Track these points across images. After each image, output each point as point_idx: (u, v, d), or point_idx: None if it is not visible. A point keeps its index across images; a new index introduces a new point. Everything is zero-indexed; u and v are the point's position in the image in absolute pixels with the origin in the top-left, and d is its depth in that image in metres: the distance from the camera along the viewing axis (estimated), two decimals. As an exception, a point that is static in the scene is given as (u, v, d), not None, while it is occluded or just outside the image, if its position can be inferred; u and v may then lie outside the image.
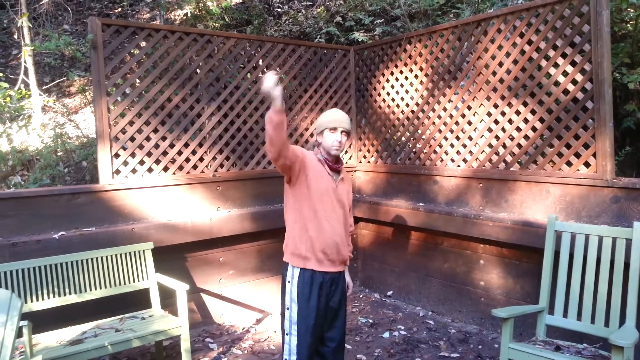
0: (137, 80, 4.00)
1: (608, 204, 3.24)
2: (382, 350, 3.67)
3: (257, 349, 3.75)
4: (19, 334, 2.34)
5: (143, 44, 4.03)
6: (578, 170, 3.42)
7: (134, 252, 3.59)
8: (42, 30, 7.23)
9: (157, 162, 4.04)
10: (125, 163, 3.89)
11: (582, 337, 3.02)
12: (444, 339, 3.85)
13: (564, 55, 3.48)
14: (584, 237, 2.95)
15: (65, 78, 7.04)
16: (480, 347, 3.69)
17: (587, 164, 3.39)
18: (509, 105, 3.81)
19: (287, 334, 2.48)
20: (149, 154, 4.00)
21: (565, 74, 3.48)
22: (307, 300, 2.45)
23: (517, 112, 3.76)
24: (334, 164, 2.58)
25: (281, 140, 2.26)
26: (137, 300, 3.68)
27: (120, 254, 3.53)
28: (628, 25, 4.42)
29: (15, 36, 7.61)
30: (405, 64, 4.66)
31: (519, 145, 3.78)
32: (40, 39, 7.17)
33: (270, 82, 2.16)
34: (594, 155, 3.31)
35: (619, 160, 3.96)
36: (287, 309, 2.48)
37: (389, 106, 4.86)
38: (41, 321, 3.23)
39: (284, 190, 2.56)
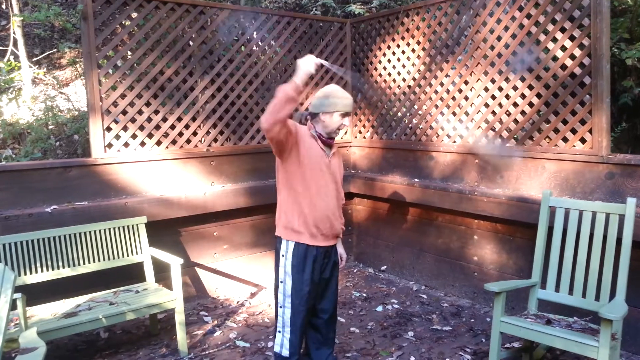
0: (129, 52, 3.92)
1: (603, 180, 3.24)
2: (375, 323, 3.71)
3: (251, 322, 3.79)
4: (12, 306, 2.33)
5: (134, 15, 3.94)
6: (574, 146, 3.41)
7: (128, 226, 3.58)
8: (31, 0, 7.05)
9: (150, 136, 4.00)
10: (118, 137, 3.85)
11: (573, 311, 3.06)
12: (436, 312, 3.90)
13: (562, 30, 3.43)
14: (577, 212, 2.96)
15: (55, 50, 6.91)
16: (472, 320, 3.74)
17: (583, 140, 3.38)
18: (507, 80, 3.78)
19: (280, 307, 2.49)
20: (142, 128, 3.95)
21: (563, 48, 3.43)
22: (301, 274, 2.46)
23: (515, 88, 3.73)
24: (327, 139, 2.55)
25: (286, 115, 2.24)
26: (131, 274, 3.69)
27: (114, 228, 3.51)
28: (628, 0, 4.36)
29: (3, 6, 7.43)
30: (403, 38, 4.59)
31: (516, 121, 3.75)
32: (29, 10, 7.01)
33: (311, 64, 2.36)
34: (590, 131, 3.30)
35: (614, 136, 3.96)
36: (281, 282, 2.49)
37: (385, 81, 4.81)
38: (35, 294, 3.24)
39: (276, 165, 2.54)
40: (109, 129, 3.79)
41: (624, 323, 2.75)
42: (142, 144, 3.97)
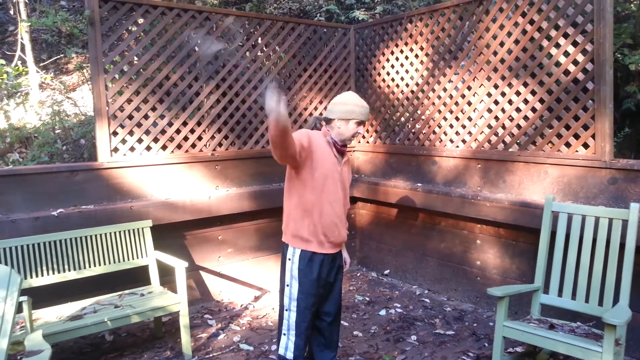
0: (135, 58, 3.96)
1: (606, 185, 3.25)
2: (378, 327, 3.72)
3: (255, 325, 3.80)
4: (19, 309, 2.36)
5: (141, 20, 3.99)
6: (577, 151, 3.42)
7: (133, 230, 3.61)
8: (38, 6, 7.12)
9: (156, 140, 4.03)
10: (124, 141, 3.89)
11: (576, 315, 3.06)
12: (439, 316, 3.90)
13: (565, 36, 3.45)
14: (580, 217, 2.97)
15: (62, 55, 6.97)
16: (475, 324, 3.74)
17: (585, 145, 3.38)
18: (509, 85, 3.79)
19: (286, 310, 2.51)
20: (147, 132, 3.99)
21: (566, 54, 3.45)
22: (308, 278, 2.47)
23: (517, 93, 3.74)
24: (341, 146, 2.56)
25: (289, 146, 2.19)
26: (136, 277, 3.71)
27: (120, 232, 3.54)
28: (632, 5, 4.38)
29: (11, 12, 7.50)
30: (406, 44, 4.62)
31: (518, 126, 3.77)
32: (37, 15, 7.07)
33: (274, 99, 1.99)
34: (593, 136, 3.31)
35: (617, 141, 3.96)
36: (287, 285, 2.50)
37: (388, 86, 4.84)
38: (41, 297, 3.26)
39: (287, 172, 2.54)
40: (115, 133, 3.83)
41: (628, 328, 2.75)
42: (148, 148, 4.01)
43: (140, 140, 3.96)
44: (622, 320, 2.35)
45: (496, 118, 3.91)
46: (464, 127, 4.16)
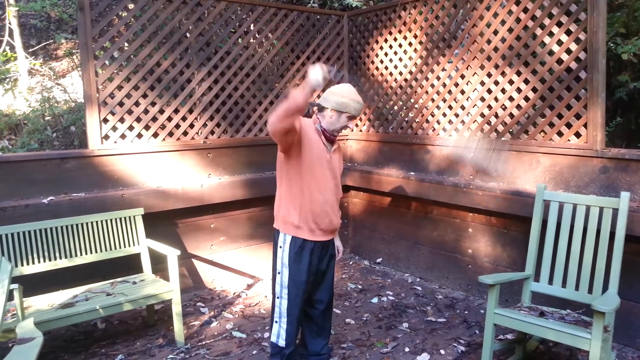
0: (126, 44, 3.91)
1: (597, 174, 3.27)
2: (370, 315, 3.75)
3: (247, 312, 3.82)
4: (10, 297, 2.35)
5: (131, 6, 3.92)
6: (569, 140, 3.43)
7: (125, 218, 3.58)
8: (26, -9, 7.00)
9: (147, 127, 4.00)
10: (114, 128, 3.85)
11: (566, 303, 3.09)
12: (431, 304, 3.93)
13: (559, 24, 3.44)
14: (571, 206, 2.99)
15: (52, 40, 6.87)
16: (466, 312, 3.77)
17: (577, 134, 3.40)
18: (503, 74, 3.79)
19: (277, 298, 2.51)
20: (138, 120, 3.95)
21: (560, 43, 3.45)
22: (298, 265, 2.48)
23: (511, 82, 3.74)
24: (330, 135, 2.55)
25: (293, 122, 2.23)
26: (128, 265, 3.70)
27: (111, 219, 3.52)
28: (625, -6, 4.37)
29: (-1, -4, 7.37)
30: (400, 31, 4.59)
31: (511, 115, 3.77)
32: (25, 0, 6.95)
33: (320, 75, 2.13)
34: (585, 125, 3.32)
35: (609, 130, 3.98)
36: (279, 273, 2.51)
37: (382, 74, 4.82)
38: (32, 285, 3.25)
39: (277, 158, 2.54)
40: (105, 120, 3.79)
41: (616, 315, 2.79)
42: (139, 135, 3.97)
43: (131, 128, 3.92)
44: (611, 307, 2.38)
45: (489, 107, 3.91)
46: (457, 115, 4.16)
